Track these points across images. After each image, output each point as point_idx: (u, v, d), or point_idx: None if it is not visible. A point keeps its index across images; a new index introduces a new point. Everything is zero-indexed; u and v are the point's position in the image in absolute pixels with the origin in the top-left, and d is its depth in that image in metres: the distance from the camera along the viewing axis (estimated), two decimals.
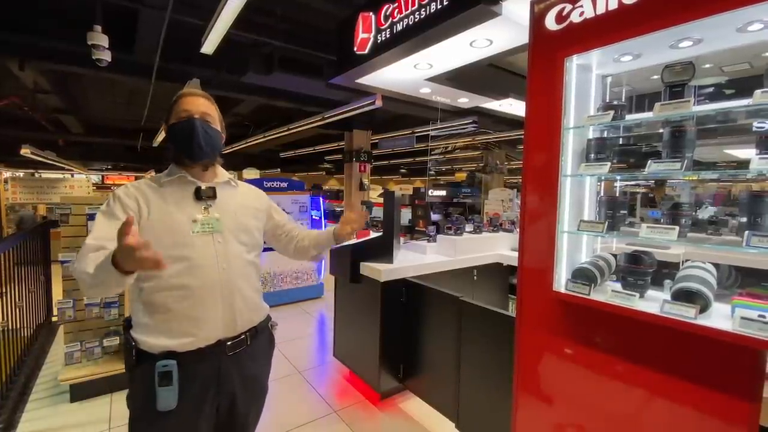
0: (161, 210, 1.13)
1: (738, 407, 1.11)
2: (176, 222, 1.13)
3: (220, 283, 1.15)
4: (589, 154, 1.51)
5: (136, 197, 1.13)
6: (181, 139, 1.18)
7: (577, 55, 1.41)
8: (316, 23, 4.36)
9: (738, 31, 1.21)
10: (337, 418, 2.51)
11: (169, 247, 1.08)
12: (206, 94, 1.25)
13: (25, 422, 2.39)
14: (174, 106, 1.20)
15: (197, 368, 1.11)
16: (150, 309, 1.11)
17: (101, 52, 3.19)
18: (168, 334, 1.10)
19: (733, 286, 1.60)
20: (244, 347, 1.21)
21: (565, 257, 1.52)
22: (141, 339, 1.11)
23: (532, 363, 1.61)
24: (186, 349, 1.10)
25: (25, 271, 3.18)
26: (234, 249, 1.20)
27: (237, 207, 1.27)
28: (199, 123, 1.17)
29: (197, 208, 1.18)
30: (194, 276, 1.11)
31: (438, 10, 2.33)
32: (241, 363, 1.20)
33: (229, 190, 1.29)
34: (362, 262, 2.70)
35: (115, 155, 13.48)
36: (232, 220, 1.22)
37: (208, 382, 1.14)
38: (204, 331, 1.12)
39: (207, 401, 1.14)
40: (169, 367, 1.07)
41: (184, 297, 1.10)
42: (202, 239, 1.14)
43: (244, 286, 1.21)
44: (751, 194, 1.19)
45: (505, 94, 4.08)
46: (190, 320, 1.11)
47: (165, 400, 1.06)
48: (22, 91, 6.13)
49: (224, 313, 1.16)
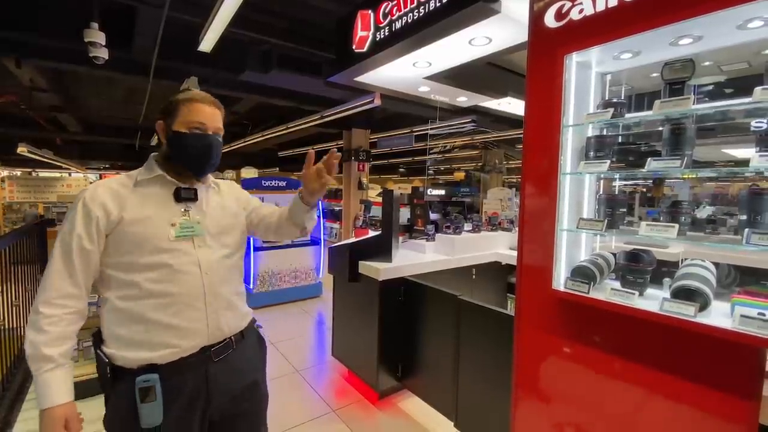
0: (138, 213, 1.05)
1: (737, 406, 1.11)
2: (155, 226, 1.05)
3: (202, 290, 1.08)
4: (588, 152, 1.50)
5: (103, 204, 1.02)
6: (193, 153, 1.11)
7: (577, 52, 1.40)
8: (314, 21, 4.34)
9: (738, 29, 1.20)
10: (335, 417, 2.51)
11: (147, 253, 1.03)
12: (218, 102, 1.17)
13: (21, 422, 2.38)
14: (182, 108, 1.10)
15: (183, 379, 1.04)
16: (126, 319, 1.02)
17: (98, 50, 3.16)
18: (148, 346, 1.02)
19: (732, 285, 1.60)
20: (230, 351, 1.14)
21: (564, 256, 1.51)
22: (116, 354, 1.02)
23: (531, 361, 1.60)
24: (167, 361, 1.03)
25: (21, 270, 3.17)
26: (216, 253, 1.14)
27: (218, 208, 1.20)
28: (215, 141, 1.12)
29: (176, 210, 1.10)
30: (175, 283, 1.04)
31: (437, 8, 2.32)
32: (232, 368, 1.14)
33: (210, 192, 1.22)
34: (361, 261, 2.69)
35: (113, 154, 13.43)
36: (213, 223, 1.16)
37: (197, 391, 1.07)
38: (187, 340, 1.05)
39: (197, 411, 1.07)
40: (151, 382, 0.99)
41: (165, 305, 1.03)
42: (182, 244, 1.07)
43: (227, 291, 1.15)
44: (751, 192, 1.19)
45: (503, 93, 4.08)
46: (171, 330, 1.03)
47: (149, 417, 0.99)
48: (18, 90, 6.09)
49: (208, 320, 1.09)
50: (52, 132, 9.12)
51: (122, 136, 10.54)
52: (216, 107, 1.16)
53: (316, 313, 4.65)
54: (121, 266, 1.03)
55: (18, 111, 7.18)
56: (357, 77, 3.46)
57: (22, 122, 8.15)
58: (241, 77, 4.88)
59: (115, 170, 16.66)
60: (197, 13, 3.45)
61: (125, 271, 1.03)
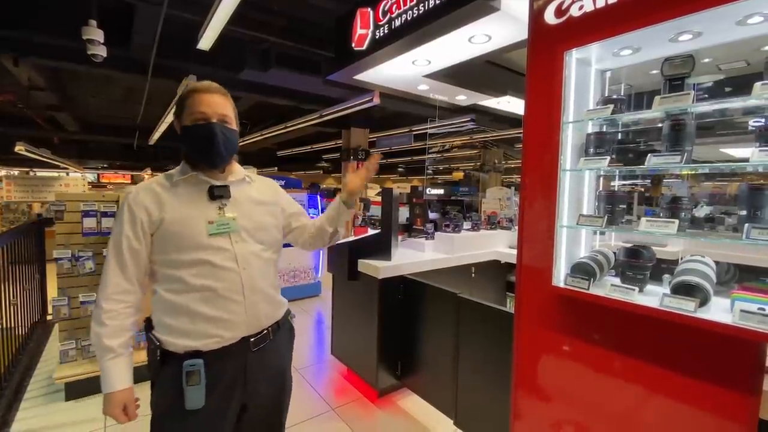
0: (176, 213, 1.11)
1: (737, 401, 1.11)
2: (193, 225, 1.10)
3: (241, 284, 1.13)
4: (588, 149, 1.50)
5: (145, 207, 1.09)
6: (199, 145, 1.13)
7: (577, 49, 1.40)
8: (313, 19, 4.34)
9: (738, 24, 1.20)
10: (335, 415, 2.50)
11: (188, 250, 1.09)
12: (221, 88, 1.17)
13: (19, 421, 2.36)
14: (187, 102, 1.13)
15: (223, 366, 1.11)
16: (173, 310, 1.10)
17: (96, 47, 3.15)
18: (193, 335, 1.09)
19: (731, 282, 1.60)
20: (267, 342, 1.20)
21: (564, 252, 1.51)
22: (165, 339, 1.10)
23: (530, 358, 1.60)
24: (211, 348, 1.10)
25: (19, 269, 3.15)
26: (252, 248, 1.18)
27: (252, 205, 1.23)
28: (218, 129, 1.12)
29: (212, 208, 1.14)
30: (216, 278, 1.10)
31: (437, 5, 2.32)
32: (266, 358, 1.20)
33: (244, 187, 1.24)
34: (360, 260, 2.69)
35: (111, 153, 13.41)
36: (247, 219, 1.19)
37: (235, 379, 1.14)
38: (229, 331, 1.12)
39: (234, 398, 1.14)
40: (197, 366, 1.07)
41: (208, 298, 1.10)
42: (219, 241, 1.12)
43: (264, 285, 1.20)
44: (751, 187, 1.19)
45: (502, 92, 4.08)
46: (214, 321, 1.10)
47: (193, 400, 1.06)
48: (16, 89, 6.07)
49: (247, 312, 1.14)
50: (49, 131, 9.10)
51: (120, 135, 10.53)
52: (220, 94, 1.16)
53: (315, 312, 4.65)
54: (166, 263, 1.10)
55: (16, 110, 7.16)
56: (356, 75, 3.46)
57: (19, 121, 8.14)
58: (240, 76, 4.88)
59: (113, 170, 16.62)
60: (196, 11, 3.45)
61: (170, 267, 1.10)
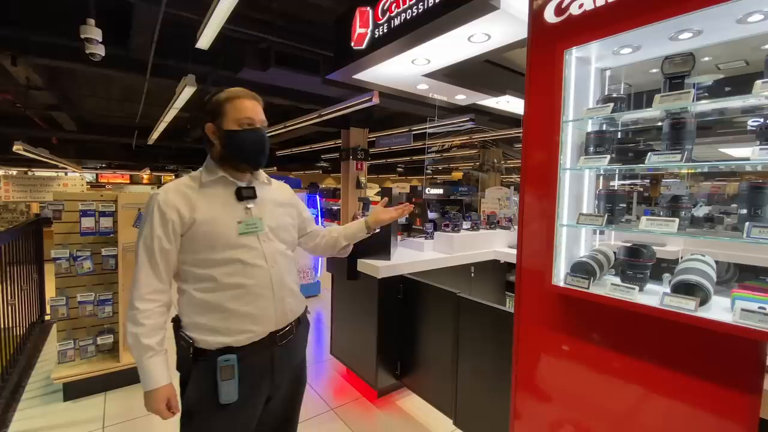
0: (207, 214, 1.15)
1: (738, 400, 1.11)
2: (223, 225, 1.15)
3: (270, 280, 1.19)
4: (588, 148, 1.50)
5: (177, 208, 1.12)
6: (248, 148, 1.20)
7: (577, 47, 1.40)
8: (312, 18, 4.33)
9: (738, 22, 1.20)
10: (334, 415, 2.50)
11: (220, 250, 1.13)
12: (256, 95, 1.25)
13: (17, 421, 2.35)
14: (227, 107, 1.18)
15: (253, 360, 1.16)
16: (205, 309, 1.13)
17: (95, 46, 3.14)
18: (226, 332, 1.13)
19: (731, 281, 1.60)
20: (291, 336, 1.26)
21: (564, 251, 1.51)
22: (197, 337, 1.13)
23: (530, 358, 1.60)
24: (242, 344, 1.14)
25: (17, 269, 3.14)
26: (277, 247, 1.24)
27: (274, 206, 1.30)
28: (266, 134, 1.22)
29: (240, 209, 1.20)
30: (248, 275, 1.15)
31: (436, 4, 2.31)
32: (290, 351, 1.27)
33: (266, 189, 1.31)
34: (359, 259, 2.68)
35: (110, 153, 13.36)
36: (271, 218, 1.25)
37: (264, 372, 1.19)
38: (260, 326, 1.17)
39: (262, 390, 1.20)
40: (231, 361, 1.11)
41: (240, 296, 1.14)
42: (248, 240, 1.17)
43: (289, 280, 1.27)
44: (751, 186, 1.19)
45: (502, 91, 4.08)
46: (246, 317, 1.15)
47: (227, 394, 1.10)
48: (14, 88, 6.05)
49: (276, 307, 1.20)
50: (48, 131, 9.07)
51: (119, 135, 10.49)
52: (256, 100, 1.24)
53: (315, 311, 4.64)
54: (198, 262, 1.14)
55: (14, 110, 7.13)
56: (355, 75, 3.45)
57: (18, 121, 8.11)
58: (239, 75, 4.86)
59: (112, 170, 16.58)
60: (195, 10, 3.43)
61: (201, 267, 1.14)
